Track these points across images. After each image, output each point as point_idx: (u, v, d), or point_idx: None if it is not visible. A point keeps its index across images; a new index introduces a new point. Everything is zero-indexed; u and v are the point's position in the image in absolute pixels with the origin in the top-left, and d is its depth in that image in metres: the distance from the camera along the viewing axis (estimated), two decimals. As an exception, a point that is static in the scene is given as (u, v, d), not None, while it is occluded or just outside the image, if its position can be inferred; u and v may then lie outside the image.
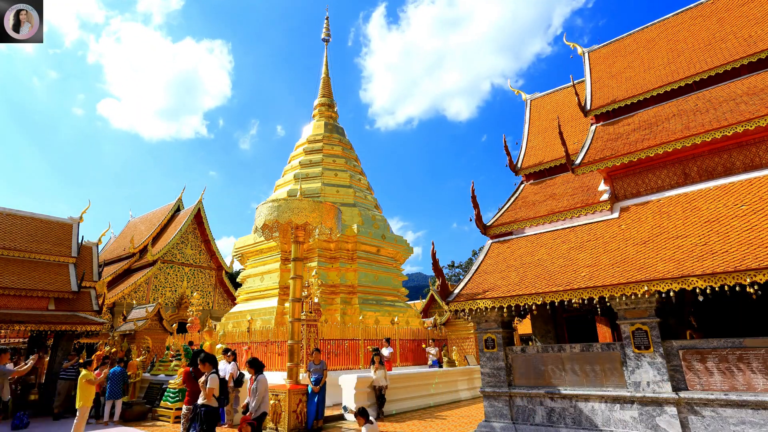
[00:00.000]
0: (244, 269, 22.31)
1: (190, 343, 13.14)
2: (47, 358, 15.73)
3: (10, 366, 12.13)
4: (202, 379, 6.84)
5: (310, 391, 10.03)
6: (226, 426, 10.59)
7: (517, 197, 11.93)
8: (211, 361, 7.05)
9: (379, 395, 11.37)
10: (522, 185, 12.70)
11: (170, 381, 12.32)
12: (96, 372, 12.67)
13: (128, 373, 13.52)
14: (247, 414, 7.53)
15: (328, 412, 11.11)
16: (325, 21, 28.26)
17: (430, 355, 16.32)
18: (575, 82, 13.52)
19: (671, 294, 6.73)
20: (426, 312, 35.74)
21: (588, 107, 11.77)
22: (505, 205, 11.70)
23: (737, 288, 6.24)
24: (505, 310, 8.37)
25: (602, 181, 9.96)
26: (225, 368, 10.55)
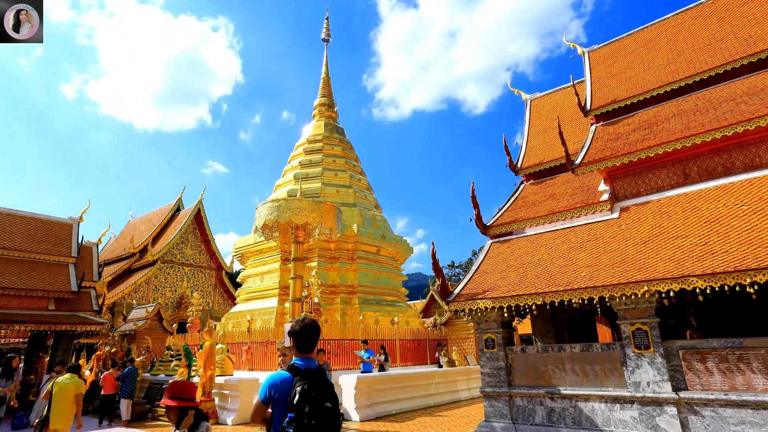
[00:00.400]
0: (244, 269, 22.31)
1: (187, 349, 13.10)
2: (47, 358, 15.74)
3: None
4: None
5: None
6: None
7: (517, 197, 11.93)
8: None
9: None
10: (522, 185, 12.70)
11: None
12: (109, 372, 12.44)
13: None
14: None
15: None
16: (325, 21, 28.24)
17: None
18: (575, 82, 13.52)
19: (671, 294, 6.73)
20: (426, 312, 35.73)
21: (588, 107, 11.77)
22: (505, 205, 11.70)
23: (737, 288, 6.24)
24: (505, 310, 8.37)
25: (602, 181, 9.96)
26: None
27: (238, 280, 22.49)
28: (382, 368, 13.19)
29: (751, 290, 6.09)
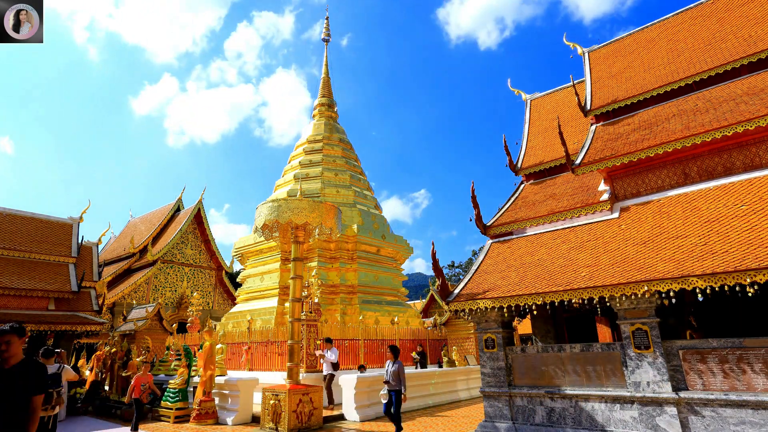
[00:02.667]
0: (244, 269, 22.33)
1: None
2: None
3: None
4: None
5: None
6: None
7: (517, 197, 11.93)
8: None
9: None
10: (522, 185, 12.70)
11: (170, 381, 12.32)
12: (141, 375, 11.47)
13: (128, 373, 13.51)
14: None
15: (327, 412, 11.11)
16: (325, 21, 28.25)
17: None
18: (575, 82, 13.52)
19: (671, 294, 6.73)
20: (426, 312, 35.77)
21: (588, 107, 11.77)
22: (505, 205, 11.70)
23: (737, 288, 6.24)
24: (505, 310, 8.37)
25: (602, 181, 9.97)
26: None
27: (238, 280, 22.50)
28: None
29: (751, 290, 6.09)
